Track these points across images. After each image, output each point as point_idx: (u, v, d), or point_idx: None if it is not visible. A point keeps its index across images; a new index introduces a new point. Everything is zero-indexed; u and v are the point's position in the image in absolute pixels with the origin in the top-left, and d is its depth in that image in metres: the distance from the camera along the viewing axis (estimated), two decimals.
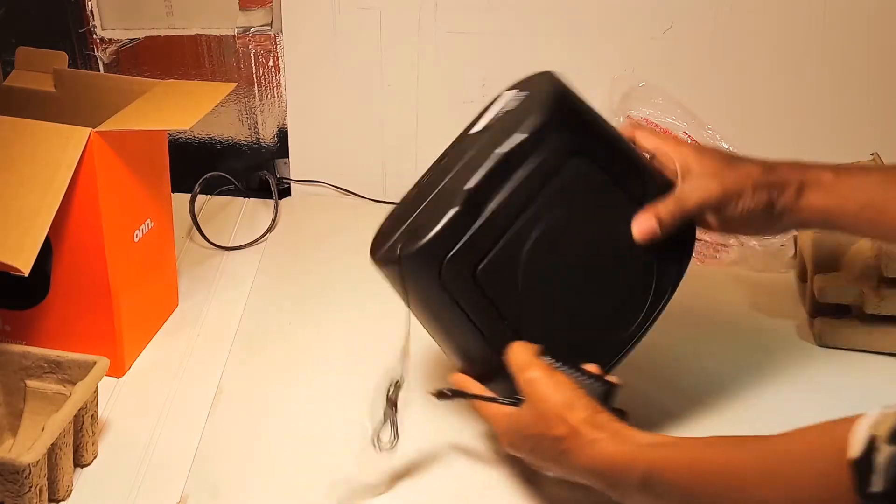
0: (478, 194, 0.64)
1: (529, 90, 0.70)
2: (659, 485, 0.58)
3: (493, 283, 0.66)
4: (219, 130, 1.19)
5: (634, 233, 0.68)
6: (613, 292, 0.70)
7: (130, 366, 0.85)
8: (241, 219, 1.14)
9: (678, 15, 1.08)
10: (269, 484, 0.72)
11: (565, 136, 0.66)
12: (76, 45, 1.12)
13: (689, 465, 0.57)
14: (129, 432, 0.77)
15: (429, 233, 0.64)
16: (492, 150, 0.65)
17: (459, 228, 0.64)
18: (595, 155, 0.67)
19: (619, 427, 0.61)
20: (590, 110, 0.69)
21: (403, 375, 0.69)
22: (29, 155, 0.72)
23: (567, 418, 0.62)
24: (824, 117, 1.10)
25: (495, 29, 1.10)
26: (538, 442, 0.64)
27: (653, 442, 0.60)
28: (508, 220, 0.65)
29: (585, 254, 0.69)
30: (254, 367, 0.86)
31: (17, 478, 0.63)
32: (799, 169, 0.69)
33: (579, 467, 0.62)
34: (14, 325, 0.82)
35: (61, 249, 0.77)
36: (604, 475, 0.61)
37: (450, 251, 0.64)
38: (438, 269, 0.64)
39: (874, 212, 0.67)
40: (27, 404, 0.74)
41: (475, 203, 0.64)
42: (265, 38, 1.14)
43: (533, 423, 0.64)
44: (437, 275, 0.65)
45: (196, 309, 0.94)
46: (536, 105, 0.66)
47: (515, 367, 0.66)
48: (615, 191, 0.68)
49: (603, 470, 0.61)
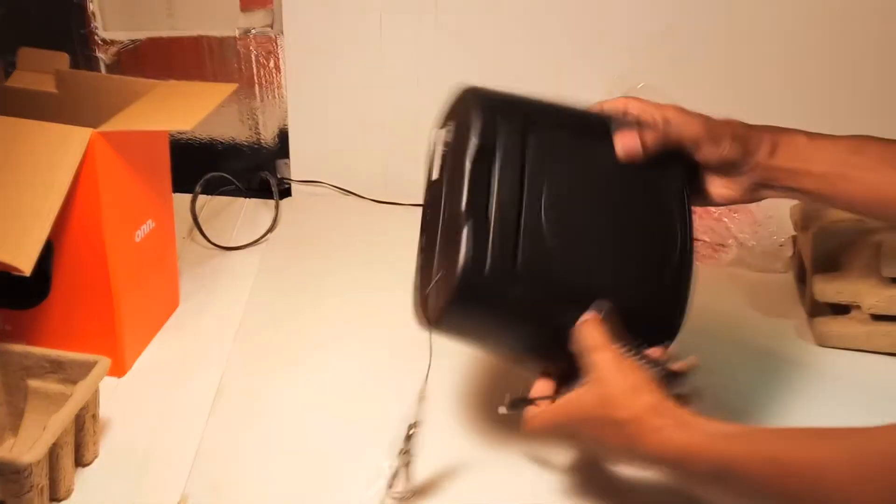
0: (474, 204, 0.65)
1: (454, 117, 0.71)
2: (734, 479, 0.56)
3: (533, 266, 0.65)
4: (220, 131, 1.19)
5: (617, 148, 0.69)
6: (638, 234, 0.69)
7: (131, 366, 0.85)
8: (242, 219, 1.14)
9: (678, 15, 1.08)
10: (269, 483, 0.72)
11: (510, 120, 0.67)
12: (78, 46, 1.13)
13: (769, 461, 0.55)
14: (130, 432, 0.77)
15: (459, 262, 0.63)
16: (461, 170, 0.65)
17: (480, 240, 0.64)
18: (545, 122, 0.69)
19: (684, 414, 0.59)
20: (513, 93, 0.71)
21: (420, 419, 0.68)
22: (30, 155, 0.72)
23: (632, 403, 0.60)
24: (824, 117, 1.10)
25: (495, 29, 1.10)
26: (600, 427, 0.62)
27: (724, 433, 0.58)
28: (514, 206, 0.65)
29: (595, 202, 0.69)
30: (254, 367, 0.86)
31: (18, 477, 0.63)
32: (776, 130, 0.71)
33: (644, 455, 0.60)
34: (15, 325, 0.82)
35: (62, 249, 0.78)
36: (671, 464, 0.60)
37: (485, 263, 0.64)
38: (485, 285, 0.64)
39: (837, 177, 0.68)
40: (28, 404, 0.74)
41: (477, 212, 0.64)
42: (266, 39, 1.14)
43: (596, 406, 0.62)
44: (486, 291, 0.64)
45: (197, 309, 0.95)
46: (470, 115, 0.67)
47: (584, 348, 0.64)
48: (584, 139, 0.70)
49: (670, 459, 0.59)
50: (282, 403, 0.81)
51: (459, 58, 1.11)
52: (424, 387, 0.68)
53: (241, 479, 0.73)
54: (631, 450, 0.61)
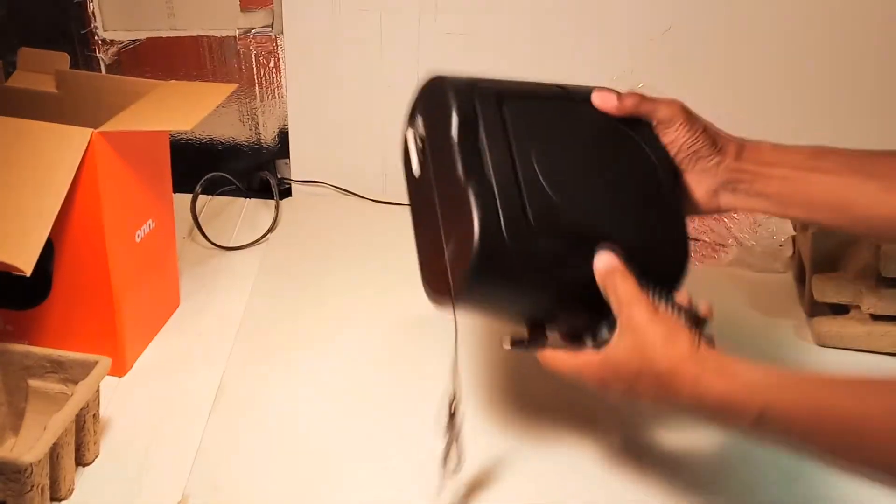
0: (471, 168, 0.65)
1: (425, 109, 0.72)
2: (776, 425, 0.56)
3: (545, 218, 0.65)
4: (220, 131, 1.20)
5: (595, 99, 0.71)
6: (627, 180, 0.70)
7: (132, 365, 0.85)
8: (242, 219, 1.14)
9: (678, 15, 1.08)
10: (269, 483, 0.73)
11: (484, 94, 0.69)
12: (78, 47, 1.13)
13: (813, 410, 0.55)
14: (131, 431, 0.77)
15: (474, 225, 0.63)
16: (450, 144, 0.66)
17: (487, 200, 0.64)
18: (518, 92, 0.71)
19: (722, 360, 0.60)
20: (476, 77, 0.72)
21: (458, 392, 0.68)
22: (31, 155, 0.72)
23: (669, 352, 0.60)
24: (824, 117, 1.10)
25: (495, 30, 1.10)
26: (636, 379, 0.62)
27: (764, 382, 0.58)
28: (508, 165, 0.66)
29: (580, 155, 0.70)
30: (255, 367, 0.86)
31: (19, 477, 0.63)
32: (743, 138, 0.72)
33: (684, 404, 0.60)
34: (16, 325, 0.82)
35: (63, 249, 0.78)
36: (712, 412, 0.60)
37: (500, 222, 0.63)
38: (504, 244, 0.63)
39: (799, 180, 0.68)
40: (29, 404, 0.74)
41: (476, 174, 0.65)
42: (266, 39, 1.14)
43: (631, 359, 0.62)
44: (507, 250, 0.63)
45: (197, 309, 0.95)
46: (446, 96, 0.68)
47: (616, 299, 0.64)
48: (558, 102, 0.71)
49: (711, 407, 0.59)
50: (282, 403, 0.81)
51: (459, 58, 1.11)
52: (455, 360, 0.67)
53: (241, 479, 0.73)
54: (669, 399, 0.61)
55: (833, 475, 0.72)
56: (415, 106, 0.74)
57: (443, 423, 0.67)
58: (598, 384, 0.65)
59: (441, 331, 0.92)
